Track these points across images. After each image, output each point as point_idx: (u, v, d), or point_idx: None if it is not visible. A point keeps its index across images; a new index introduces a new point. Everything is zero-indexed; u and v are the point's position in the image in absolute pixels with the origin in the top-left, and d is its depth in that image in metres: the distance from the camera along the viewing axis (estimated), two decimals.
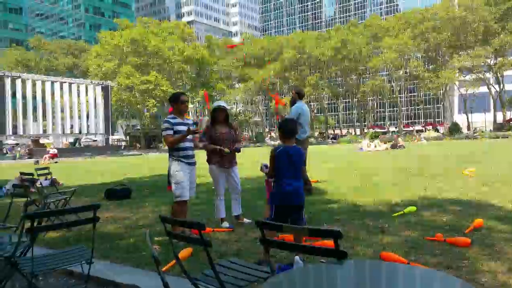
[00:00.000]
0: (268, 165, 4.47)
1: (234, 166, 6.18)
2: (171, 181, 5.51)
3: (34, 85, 43.09)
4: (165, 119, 5.50)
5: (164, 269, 3.86)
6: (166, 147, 5.85)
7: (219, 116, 6.04)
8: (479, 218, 5.52)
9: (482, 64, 61.47)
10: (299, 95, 8.57)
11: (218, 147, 5.86)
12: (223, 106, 6.11)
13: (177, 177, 5.38)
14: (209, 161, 6.08)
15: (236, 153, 6.17)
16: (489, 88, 63.68)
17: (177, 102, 5.52)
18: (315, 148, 33.18)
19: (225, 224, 5.92)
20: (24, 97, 43.13)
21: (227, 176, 6.11)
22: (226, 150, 5.86)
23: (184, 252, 4.48)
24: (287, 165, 4.17)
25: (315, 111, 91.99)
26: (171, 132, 5.38)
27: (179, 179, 5.37)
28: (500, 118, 65.91)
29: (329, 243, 4.32)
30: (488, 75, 63.92)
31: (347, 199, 7.78)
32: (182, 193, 5.38)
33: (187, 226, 3.47)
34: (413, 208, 6.40)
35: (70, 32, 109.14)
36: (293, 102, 8.60)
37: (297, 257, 4.03)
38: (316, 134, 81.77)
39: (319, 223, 5.89)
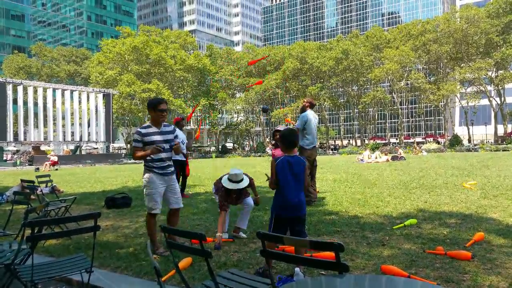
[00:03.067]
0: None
1: (247, 198, 6.08)
2: (144, 191, 5.31)
3: (35, 92, 43.17)
4: (137, 129, 5.25)
5: (163, 279, 3.85)
6: None
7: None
8: (480, 232, 5.52)
9: (483, 76, 61.59)
10: (310, 105, 8.60)
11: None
12: (243, 186, 5.84)
13: (148, 188, 5.21)
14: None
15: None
16: (490, 101, 63.74)
17: (154, 110, 5.19)
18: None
19: (225, 235, 5.87)
20: (25, 104, 43.25)
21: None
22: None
23: (184, 262, 4.47)
24: (289, 175, 4.09)
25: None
26: (139, 144, 5.15)
27: (150, 191, 5.20)
28: (501, 131, 65.91)
29: (329, 254, 4.31)
30: (489, 87, 64.00)
31: (347, 211, 7.76)
32: (153, 206, 5.22)
33: (188, 236, 3.46)
34: (413, 221, 6.39)
35: (72, 39, 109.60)
36: (302, 111, 8.64)
37: (297, 269, 4.01)
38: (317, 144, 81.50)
39: (319, 235, 5.88)
